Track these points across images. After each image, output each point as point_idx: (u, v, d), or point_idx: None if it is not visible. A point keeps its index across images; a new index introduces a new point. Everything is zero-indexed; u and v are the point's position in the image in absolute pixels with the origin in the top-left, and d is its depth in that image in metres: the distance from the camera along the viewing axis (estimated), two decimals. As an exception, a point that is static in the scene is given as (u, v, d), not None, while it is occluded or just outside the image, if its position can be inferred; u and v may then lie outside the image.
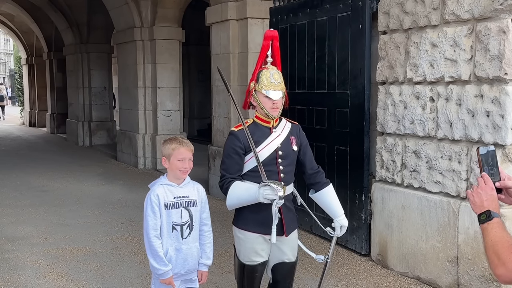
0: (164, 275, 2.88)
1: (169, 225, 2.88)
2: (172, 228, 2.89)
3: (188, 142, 2.95)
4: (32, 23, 18.13)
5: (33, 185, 8.94)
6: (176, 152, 2.87)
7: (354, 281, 4.54)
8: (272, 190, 2.69)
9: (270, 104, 2.90)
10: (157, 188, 2.92)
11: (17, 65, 29.54)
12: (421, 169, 4.41)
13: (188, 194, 2.95)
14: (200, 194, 3.01)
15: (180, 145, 2.88)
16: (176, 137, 3.01)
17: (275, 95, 2.90)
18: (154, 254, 2.87)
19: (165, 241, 2.89)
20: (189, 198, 2.95)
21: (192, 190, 2.99)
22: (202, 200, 3.02)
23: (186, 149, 2.89)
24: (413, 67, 4.42)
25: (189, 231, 2.94)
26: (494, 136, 3.79)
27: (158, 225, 2.87)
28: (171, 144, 2.89)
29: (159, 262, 2.86)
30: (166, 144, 2.94)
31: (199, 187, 3.05)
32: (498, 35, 3.72)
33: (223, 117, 7.81)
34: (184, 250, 2.92)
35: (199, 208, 2.99)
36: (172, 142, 2.91)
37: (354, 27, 5.09)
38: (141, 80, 10.68)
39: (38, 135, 18.24)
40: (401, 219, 4.60)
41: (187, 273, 2.99)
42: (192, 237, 2.95)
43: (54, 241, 5.75)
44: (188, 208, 2.94)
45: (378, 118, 4.85)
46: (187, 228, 2.93)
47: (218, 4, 7.62)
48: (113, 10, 11.30)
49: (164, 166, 2.96)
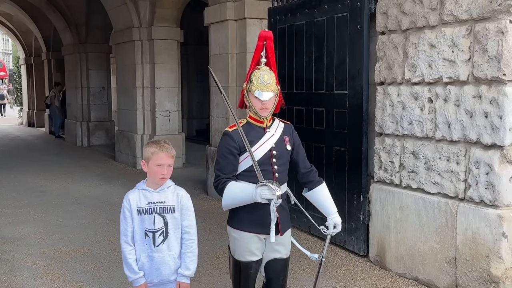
0: (134, 282, 2.82)
1: (142, 231, 2.78)
2: (144, 235, 2.79)
3: (169, 147, 2.81)
4: (30, 23, 18.12)
5: (31, 186, 8.92)
6: (155, 157, 2.75)
7: (352, 282, 4.54)
8: (270, 189, 2.70)
9: (259, 105, 2.91)
10: (131, 193, 2.84)
11: (16, 65, 29.53)
12: (419, 170, 4.40)
13: (165, 200, 2.82)
14: (180, 200, 2.85)
15: (160, 150, 2.76)
16: (159, 140, 2.86)
17: (264, 95, 2.90)
18: (124, 260, 2.81)
19: (138, 248, 2.81)
20: (165, 204, 2.81)
21: (170, 195, 2.84)
22: (183, 206, 2.86)
23: (166, 155, 2.77)
24: (411, 67, 4.42)
25: (162, 238, 2.80)
26: (492, 137, 3.78)
27: (129, 231, 2.80)
28: (151, 147, 2.78)
29: (129, 269, 2.80)
30: (147, 147, 2.82)
31: (181, 193, 2.88)
32: (496, 35, 3.72)
33: (222, 118, 7.80)
34: (156, 258, 2.80)
35: (177, 215, 2.83)
36: (152, 145, 2.79)
37: (352, 27, 5.09)
38: (139, 80, 10.67)
39: (37, 135, 18.23)
40: (399, 220, 4.59)
41: (161, 283, 2.86)
42: (166, 245, 2.81)
43: (52, 242, 5.74)
44: (162, 215, 2.80)
45: (376, 119, 4.85)
46: (160, 235, 2.80)
47: (217, 4, 7.61)
48: (111, 10, 11.29)
49: (143, 169, 2.84)
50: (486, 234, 3.82)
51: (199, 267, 4.88)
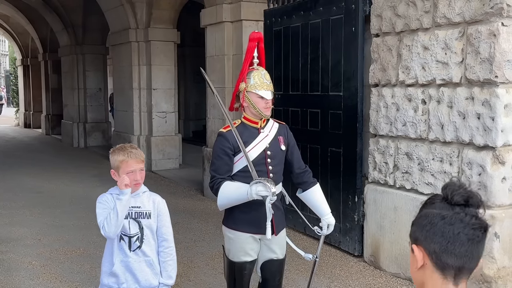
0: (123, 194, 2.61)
1: (118, 235, 2.70)
2: (120, 238, 2.71)
3: (137, 151, 2.72)
4: (27, 24, 18.11)
5: (28, 187, 8.93)
6: (125, 165, 2.65)
7: (347, 282, 4.57)
8: (265, 186, 2.72)
9: (263, 104, 2.94)
10: (102, 196, 2.74)
11: (12, 66, 29.47)
12: (413, 171, 4.44)
13: (140, 205, 2.74)
14: (156, 206, 2.78)
15: (128, 157, 2.65)
16: (124, 146, 2.74)
17: (267, 94, 2.95)
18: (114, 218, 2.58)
19: (112, 252, 2.73)
20: (141, 209, 2.74)
21: (146, 201, 2.77)
22: (160, 213, 2.78)
23: (136, 161, 2.67)
24: (405, 69, 4.46)
25: (138, 244, 2.73)
26: (485, 138, 3.83)
27: None
28: (118, 155, 2.67)
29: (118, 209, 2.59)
30: (113, 156, 2.70)
31: (157, 199, 2.81)
32: (488, 38, 3.77)
33: (218, 119, 7.83)
34: (131, 263, 2.72)
35: (152, 221, 2.75)
36: (119, 153, 2.68)
37: (347, 29, 5.13)
38: (136, 81, 10.69)
39: (33, 136, 18.21)
40: (393, 220, 4.63)
41: None
42: (142, 251, 2.73)
43: (48, 242, 5.76)
44: (138, 220, 2.73)
45: (371, 120, 4.89)
46: (136, 240, 2.72)
47: (213, 6, 7.64)
48: (108, 11, 11.31)
49: (114, 179, 2.70)
50: (478, 234, 3.85)
51: (194, 268, 4.92)
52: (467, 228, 1.27)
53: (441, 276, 1.30)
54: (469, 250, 1.28)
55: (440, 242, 1.29)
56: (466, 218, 1.28)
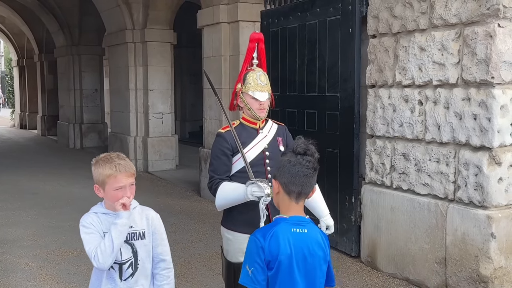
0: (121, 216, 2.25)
1: None
2: None
3: (126, 163, 2.30)
4: (23, 25, 18.06)
5: (24, 188, 8.90)
6: (112, 181, 2.25)
7: (344, 282, 4.58)
8: (259, 187, 2.73)
9: (257, 105, 2.94)
10: (87, 217, 2.33)
11: (8, 67, 29.38)
12: (409, 172, 4.46)
13: (132, 224, 2.32)
14: (150, 223, 2.39)
15: (117, 170, 2.25)
16: (110, 157, 2.31)
17: (261, 96, 2.95)
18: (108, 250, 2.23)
19: (99, 282, 2.34)
20: (133, 229, 2.33)
21: (139, 218, 2.37)
22: (155, 230, 2.40)
23: (125, 175, 2.26)
24: (401, 70, 4.47)
25: (131, 271, 2.33)
26: (481, 139, 3.84)
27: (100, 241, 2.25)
28: (104, 169, 2.26)
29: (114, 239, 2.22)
30: (98, 168, 2.28)
31: (150, 214, 2.42)
32: (485, 39, 3.78)
33: (215, 120, 7.83)
34: None
35: (147, 241, 2.37)
36: (104, 166, 2.26)
37: (344, 30, 5.14)
38: (132, 82, 10.67)
39: (29, 137, 18.15)
40: (390, 221, 4.64)
41: None
42: (135, 279, 2.34)
43: (45, 243, 5.74)
44: (130, 242, 2.32)
45: (367, 121, 4.90)
46: (129, 267, 2.32)
47: (210, 7, 7.64)
48: (104, 12, 11.29)
49: (98, 195, 2.33)
50: (475, 235, 3.87)
51: (191, 268, 4.92)
52: (303, 168, 2.02)
53: (288, 198, 2.05)
54: (304, 181, 2.02)
55: (287, 177, 2.02)
56: (303, 162, 2.03)
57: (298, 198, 2.03)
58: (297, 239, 1.99)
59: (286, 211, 2.05)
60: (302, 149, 2.04)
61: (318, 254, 2.03)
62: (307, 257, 2.00)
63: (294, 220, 2.02)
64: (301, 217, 2.05)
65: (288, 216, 2.03)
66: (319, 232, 2.09)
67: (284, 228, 2.00)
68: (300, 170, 2.00)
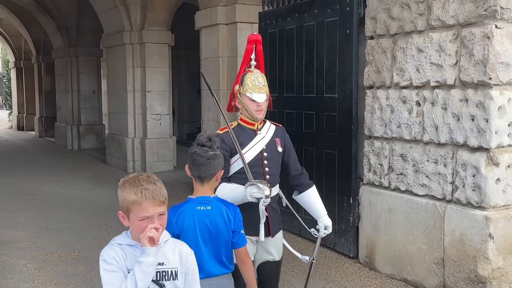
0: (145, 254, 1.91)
1: None
2: None
3: (155, 188, 1.95)
4: (20, 26, 18.04)
5: (22, 189, 8.89)
6: (137, 209, 1.92)
7: (342, 283, 4.59)
8: (259, 189, 2.73)
9: (255, 107, 2.95)
10: (108, 250, 1.97)
11: (5, 68, 29.34)
12: (407, 172, 4.46)
13: (163, 260, 1.99)
14: (184, 260, 2.06)
15: (142, 197, 1.91)
16: (138, 179, 1.97)
17: (259, 97, 2.95)
18: None
19: None
20: (165, 267, 1.99)
21: (171, 254, 2.03)
22: (189, 270, 2.07)
23: (151, 203, 1.92)
24: (399, 71, 4.48)
25: None
26: (479, 139, 3.85)
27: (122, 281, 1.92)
28: (129, 194, 1.93)
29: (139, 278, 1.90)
30: (122, 192, 1.96)
31: (184, 250, 2.08)
32: (482, 40, 3.79)
33: (213, 121, 7.83)
34: None
35: (180, 282, 2.02)
36: (130, 191, 1.93)
37: (342, 32, 5.15)
38: (130, 83, 10.67)
39: (27, 139, 18.12)
40: (388, 221, 4.65)
41: None
42: None
43: (43, 245, 5.74)
44: (160, 283, 1.98)
45: (365, 122, 4.91)
46: None
47: (208, 8, 7.65)
48: (102, 13, 11.29)
49: (123, 223, 2.01)
50: (473, 235, 3.88)
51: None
52: (198, 157, 2.43)
53: (196, 181, 2.48)
54: (201, 168, 2.43)
55: (190, 164, 2.46)
56: (199, 152, 2.43)
57: (201, 181, 2.47)
58: (201, 215, 2.42)
59: (195, 192, 2.50)
60: (204, 140, 2.47)
61: (219, 225, 2.44)
62: (210, 228, 2.42)
63: (199, 200, 2.46)
64: (206, 197, 2.47)
65: (195, 197, 2.48)
66: (224, 208, 2.47)
67: (190, 207, 2.44)
68: (196, 159, 2.44)
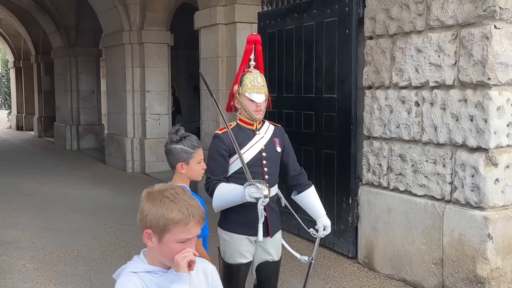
0: None
1: None
2: None
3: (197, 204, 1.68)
4: (19, 26, 18.02)
5: (20, 189, 8.88)
6: (180, 230, 1.62)
7: (341, 283, 4.59)
8: (258, 189, 2.73)
9: (253, 107, 2.95)
10: (126, 282, 1.67)
11: (4, 68, 29.33)
12: (406, 173, 4.47)
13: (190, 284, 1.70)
14: (210, 281, 1.84)
15: (188, 215, 1.62)
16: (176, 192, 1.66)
17: (258, 98, 2.95)
18: None
19: None
20: None
21: (195, 275, 1.73)
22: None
23: (195, 223, 1.65)
24: (398, 72, 4.48)
25: None
26: (478, 140, 3.85)
27: None
28: (171, 211, 1.62)
29: None
30: (156, 207, 1.63)
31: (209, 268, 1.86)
32: (481, 40, 3.79)
33: (212, 121, 7.83)
34: None
35: None
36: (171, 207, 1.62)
37: (341, 32, 5.15)
38: (129, 83, 10.67)
39: (26, 139, 18.11)
40: (387, 222, 4.65)
41: None
42: None
43: (42, 245, 5.73)
44: None
45: (364, 122, 4.91)
46: None
47: (207, 9, 7.65)
48: (101, 13, 11.28)
49: (148, 244, 1.69)
50: (472, 236, 3.89)
51: (189, 270, 4.91)
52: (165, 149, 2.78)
53: None
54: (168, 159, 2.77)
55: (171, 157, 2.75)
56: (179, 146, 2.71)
57: None
58: None
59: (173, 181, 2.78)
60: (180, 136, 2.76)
61: None
62: None
63: None
64: None
65: None
66: None
67: None
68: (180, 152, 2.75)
